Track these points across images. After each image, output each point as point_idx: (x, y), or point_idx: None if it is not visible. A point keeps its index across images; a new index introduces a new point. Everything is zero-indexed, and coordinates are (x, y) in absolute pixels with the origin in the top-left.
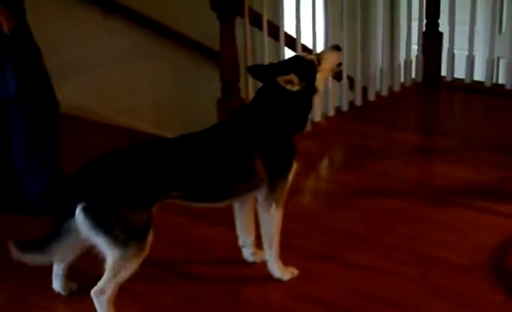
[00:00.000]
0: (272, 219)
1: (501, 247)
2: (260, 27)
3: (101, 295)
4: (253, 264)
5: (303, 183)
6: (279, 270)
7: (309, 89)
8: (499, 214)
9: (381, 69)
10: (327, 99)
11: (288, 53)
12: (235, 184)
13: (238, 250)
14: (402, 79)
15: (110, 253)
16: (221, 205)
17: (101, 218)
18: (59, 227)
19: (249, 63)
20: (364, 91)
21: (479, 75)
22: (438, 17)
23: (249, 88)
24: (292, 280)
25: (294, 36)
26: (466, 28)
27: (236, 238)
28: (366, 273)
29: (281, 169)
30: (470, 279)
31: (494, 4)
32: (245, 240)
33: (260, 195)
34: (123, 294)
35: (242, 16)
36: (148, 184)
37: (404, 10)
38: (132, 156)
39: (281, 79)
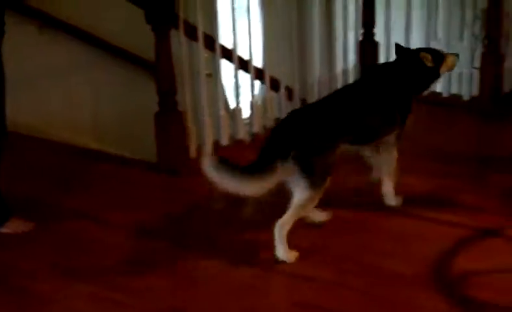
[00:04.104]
0: (393, 157)
1: (444, 256)
2: (196, 39)
3: (283, 227)
4: None
5: (244, 196)
6: (393, 197)
7: (435, 69)
8: (444, 223)
9: (319, 79)
10: (266, 110)
11: (225, 64)
12: (385, 127)
13: None
14: None
15: (301, 193)
16: (371, 146)
17: (307, 164)
18: (265, 164)
19: (186, 75)
20: (303, 101)
21: None
22: (373, 26)
23: (187, 100)
24: (239, 292)
25: (231, 47)
26: (402, 37)
27: None
28: (312, 284)
29: (406, 118)
30: (413, 288)
31: (429, 12)
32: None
33: (392, 138)
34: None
35: (177, 28)
36: (335, 132)
37: (340, 20)
38: (318, 111)
39: (422, 53)
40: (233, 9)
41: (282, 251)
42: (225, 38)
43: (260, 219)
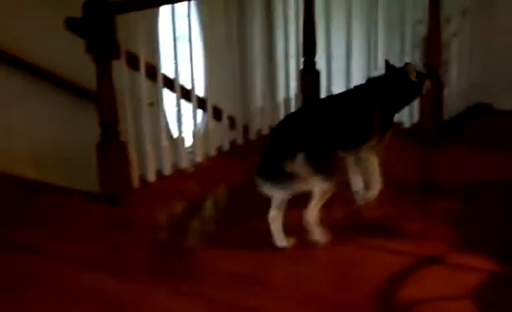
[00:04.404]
0: (373, 162)
1: (388, 284)
2: (138, 69)
3: (311, 213)
4: None
5: (187, 226)
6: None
7: (418, 85)
8: (388, 250)
9: (262, 108)
10: (208, 139)
11: (167, 93)
12: (365, 137)
13: None
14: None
15: (318, 187)
16: (353, 153)
17: (316, 163)
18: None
19: (128, 106)
20: (246, 129)
21: None
22: (314, 55)
23: (129, 130)
24: None
25: (173, 76)
26: (343, 65)
27: None
28: None
29: (387, 128)
30: None
31: (369, 42)
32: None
33: (371, 144)
34: None
35: (119, 58)
36: (331, 136)
37: (281, 49)
38: (312, 116)
39: (409, 67)
40: (175, 38)
41: (319, 233)
42: (167, 67)
43: (203, 248)
